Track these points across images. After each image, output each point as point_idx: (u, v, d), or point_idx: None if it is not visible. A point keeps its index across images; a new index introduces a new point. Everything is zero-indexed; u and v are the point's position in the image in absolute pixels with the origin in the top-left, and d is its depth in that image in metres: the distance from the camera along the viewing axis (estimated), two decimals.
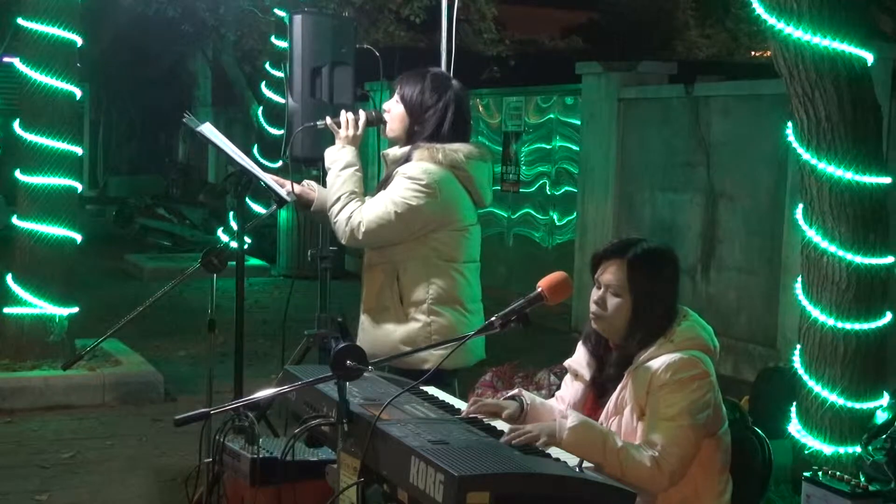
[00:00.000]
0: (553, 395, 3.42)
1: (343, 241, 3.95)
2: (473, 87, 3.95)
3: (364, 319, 4.05)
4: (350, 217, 3.87)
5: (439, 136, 3.92)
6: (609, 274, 3.10)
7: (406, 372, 3.63)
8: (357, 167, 3.97)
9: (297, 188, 4.31)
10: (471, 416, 3.03)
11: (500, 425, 2.97)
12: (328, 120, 4.08)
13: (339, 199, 3.93)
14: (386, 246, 3.94)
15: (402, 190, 3.83)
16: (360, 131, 4.02)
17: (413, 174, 3.83)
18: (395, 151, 4.00)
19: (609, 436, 2.89)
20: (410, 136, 3.98)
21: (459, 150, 3.90)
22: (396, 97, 4.01)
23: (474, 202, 4.00)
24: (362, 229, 3.85)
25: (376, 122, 4.07)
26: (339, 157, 3.98)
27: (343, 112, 4.06)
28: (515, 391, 3.25)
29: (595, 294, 3.14)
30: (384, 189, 3.92)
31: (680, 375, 2.94)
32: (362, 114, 4.04)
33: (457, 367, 3.96)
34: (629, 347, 3.07)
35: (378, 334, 3.96)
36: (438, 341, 3.74)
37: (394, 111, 4.01)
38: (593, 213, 9.83)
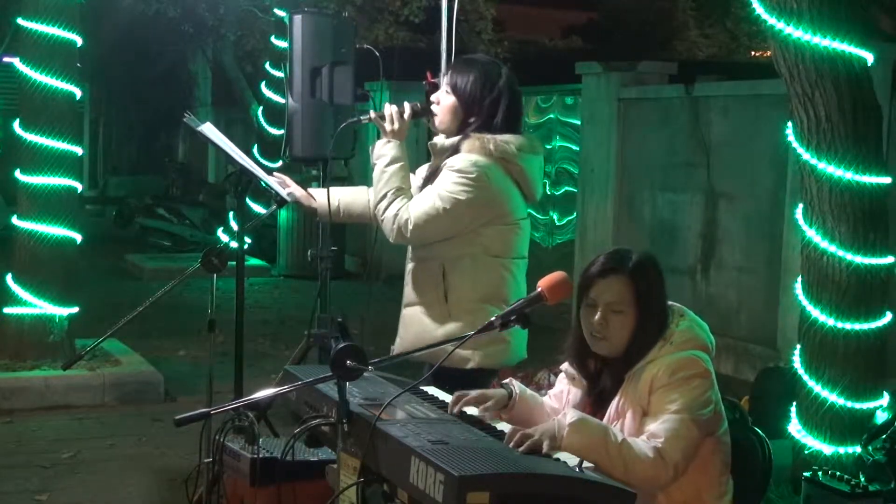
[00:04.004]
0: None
1: (391, 240, 3.81)
2: None
3: (407, 314, 3.92)
4: (397, 214, 3.74)
5: (492, 127, 3.78)
6: (610, 292, 3.01)
7: (447, 371, 3.56)
8: (403, 162, 3.83)
9: (298, 192, 4.27)
10: (458, 411, 3.00)
11: (502, 425, 2.97)
12: (372, 114, 3.95)
13: (385, 195, 3.79)
14: (435, 242, 3.83)
15: (449, 184, 3.70)
16: (405, 124, 3.88)
17: (461, 167, 3.71)
18: (442, 141, 3.88)
19: (609, 429, 2.85)
20: (463, 128, 3.83)
21: (511, 141, 3.77)
22: (447, 87, 3.86)
23: (524, 196, 3.88)
24: (410, 227, 3.72)
25: (422, 114, 3.93)
26: (385, 153, 3.84)
27: (387, 105, 3.91)
28: (506, 380, 3.23)
29: (592, 316, 3.02)
30: (431, 182, 3.80)
31: (680, 374, 2.93)
32: (407, 106, 3.89)
33: (498, 367, 3.89)
34: (630, 358, 3.02)
35: (421, 330, 3.84)
36: (481, 342, 3.62)
37: (444, 102, 3.86)
38: (593, 213, 9.83)
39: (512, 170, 3.79)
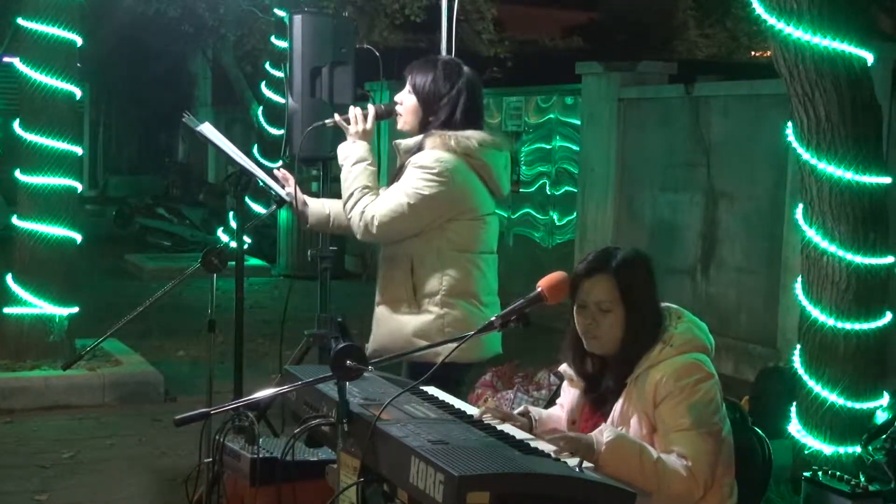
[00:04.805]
0: (553, 395, 3.41)
1: (359, 237, 3.88)
2: None
3: (379, 312, 3.99)
4: (363, 212, 3.82)
5: (451, 124, 3.85)
6: (596, 291, 3.03)
7: (419, 365, 3.60)
8: (369, 161, 3.91)
9: (298, 196, 4.27)
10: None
11: (502, 426, 2.97)
12: (336, 117, 4.03)
13: (351, 194, 3.87)
14: (402, 238, 3.88)
15: (413, 180, 3.77)
16: (369, 125, 3.96)
17: (424, 163, 3.78)
18: (406, 141, 3.94)
19: (645, 448, 2.86)
20: (425, 127, 3.90)
21: (472, 136, 3.82)
22: (408, 88, 3.94)
23: (490, 191, 3.93)
24: (376, 223, 3.79)
25: (386, 115, 4.01)
26: (351, 153, 3.93)
27: (352, 108, 4.00)
28: (523, 408, 3.24)
29: (583, 316, 3.05)
30: (397, 181, 3.87)
31: (685, 381, 2.92)
32: (371, 108, 3.98)
33: (471, 362, 3.92)
34: (627, 357, 3.03)
35: (392, 327, 3.90)
36: (451, 336, 3.64)
37: (406, 103, 3.94)
38: (593, 213, 9.83)
39: (475, 165, 3.84)
